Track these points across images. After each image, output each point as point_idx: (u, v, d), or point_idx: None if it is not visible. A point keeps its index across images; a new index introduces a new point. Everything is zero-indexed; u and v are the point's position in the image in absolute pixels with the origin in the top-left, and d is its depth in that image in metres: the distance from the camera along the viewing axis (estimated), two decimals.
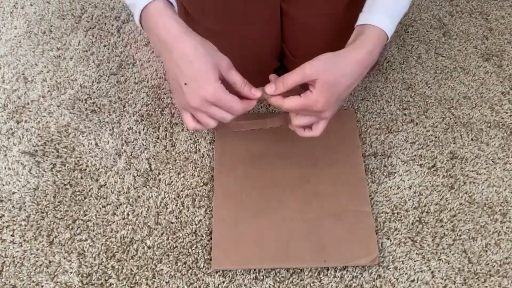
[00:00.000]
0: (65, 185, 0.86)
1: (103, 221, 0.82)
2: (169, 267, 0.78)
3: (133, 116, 0.94)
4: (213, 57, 0.66)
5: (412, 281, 0.77)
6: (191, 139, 0.91)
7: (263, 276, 0.77)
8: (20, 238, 0.81)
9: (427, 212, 0.83)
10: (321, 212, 0.81)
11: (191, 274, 0.77)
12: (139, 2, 0.65)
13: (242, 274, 0.77)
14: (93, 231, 0.81)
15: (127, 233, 0.81)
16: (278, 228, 0.80)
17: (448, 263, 0.78)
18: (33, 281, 0.77)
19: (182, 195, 0.85)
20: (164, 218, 0.83)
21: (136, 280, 0.77)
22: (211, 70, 0.64)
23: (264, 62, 0.90)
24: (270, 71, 0.94)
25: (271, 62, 0.92)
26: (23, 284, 0.77)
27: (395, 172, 0.87)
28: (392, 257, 0.79)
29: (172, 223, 0.82)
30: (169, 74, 0.67)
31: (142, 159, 0.89)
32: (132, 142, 0.91)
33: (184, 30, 0.65)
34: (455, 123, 0.94)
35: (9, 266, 0.78)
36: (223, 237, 0.79)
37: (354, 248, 0.78)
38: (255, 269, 0.78)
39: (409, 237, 0.81)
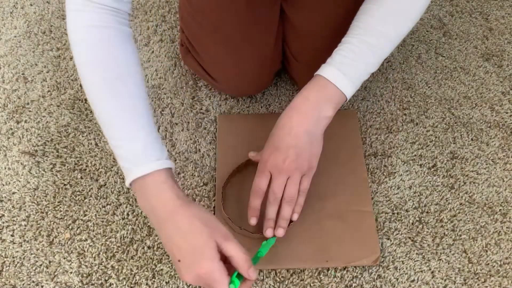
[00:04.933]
0: (65, 185, 0.86)
1: (103, 221, 0.82)
2: (169, 267, 0.78)
3: None
4: (210, 229, 0.60)
5: (412, 281, 0.77)
6: (191, 139, 0.91)
7: (263, 276, 0.77)
8: (20, 238, 0.81)
9: (427, 212, 0.83)
10: (323, 213, 0.81)
11: None
12: (136, 170, 0.62)
13: None
14: (93, 231, 0.81)
15: (127, 233, 0.81)
16: None
17: (448, 263, 0.78)
18: (33, 281, 0.77)
19: None
20: None
21: (136, 280, 0.77)
22: (208, 244, 0.59)
23: (266, 65, 0.90)
24: (272, 74, 0.94)
25: (272, 65, 0.92)
26: (23, 284, 0.77)
27: (395, 172, 0.87)
28: (392, 257, 0.79)
29: None
30: (166, 248, 0.63)
31: None
32: None
33: (180, 203, 0.61)
34: (455, 123, 0.93)
35: (9, 266, 0.78)
36: None
37: (356, 248, 0.78)
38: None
39: (409, 237, 0.81)
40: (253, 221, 0.75)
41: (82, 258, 0.79)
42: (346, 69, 0.71)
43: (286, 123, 0.72)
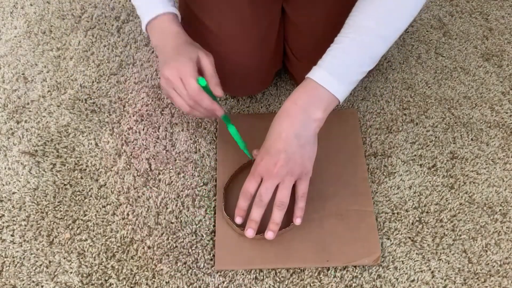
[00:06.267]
0: (65, 185, 0.86)
1: (103, 221, 0.82)
2: (169, 267, 0.78)
3: (133, 116, 0.94)
4: (198, 47, 0.77)
5: (412, 281, 0.77)
6: (191, 139, 0.91)
7: (263, 276, 0.77)
8: (20, 238, 0.81)
9: (427, 212, 0.83)
10: (323, 212, 0.81)
11: (191, 274, 0.77)
12: (148, 14, 0.78)
13: (242, 274, 0.77)
14: (93, 231, 0.81)
15: (127, 233, 0.81)
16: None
17: (448, 263, 0.78)
18: (33, 281, 0.77)
19: (182, 195, 0.85)
20: (164, 218, 0.82)
21: (136, 280, 0.77)
22: (191, 51, 0.75)
23: (266, 65, 0.90)
24: (272, 74, 0.94)
25: (273, 65, 0.92)
26: (23, 284, 0.77)
27: (395, 172, 0.87)
28: (392, 257, 0.79)
29: (172, 223, 0.82)
30: (160, 57, 0.78)
31: (142, 159, 0.89)
32: (132, 142, 0.91)
33: (183, 32, 0.78)
34: (455, 123, 0.94)
35: (9, 266, 0.78)
36: (226, 238, 0.79)
37: (356, 248, 0.78)
38: (255, 269, 0.78)
39: (409, 237, 0.81)
40: (238, 220, 0.76)
41: (82, 258, 0.79)
42: (335, 71, 0.70)
43: (276, 127, 0.72)
